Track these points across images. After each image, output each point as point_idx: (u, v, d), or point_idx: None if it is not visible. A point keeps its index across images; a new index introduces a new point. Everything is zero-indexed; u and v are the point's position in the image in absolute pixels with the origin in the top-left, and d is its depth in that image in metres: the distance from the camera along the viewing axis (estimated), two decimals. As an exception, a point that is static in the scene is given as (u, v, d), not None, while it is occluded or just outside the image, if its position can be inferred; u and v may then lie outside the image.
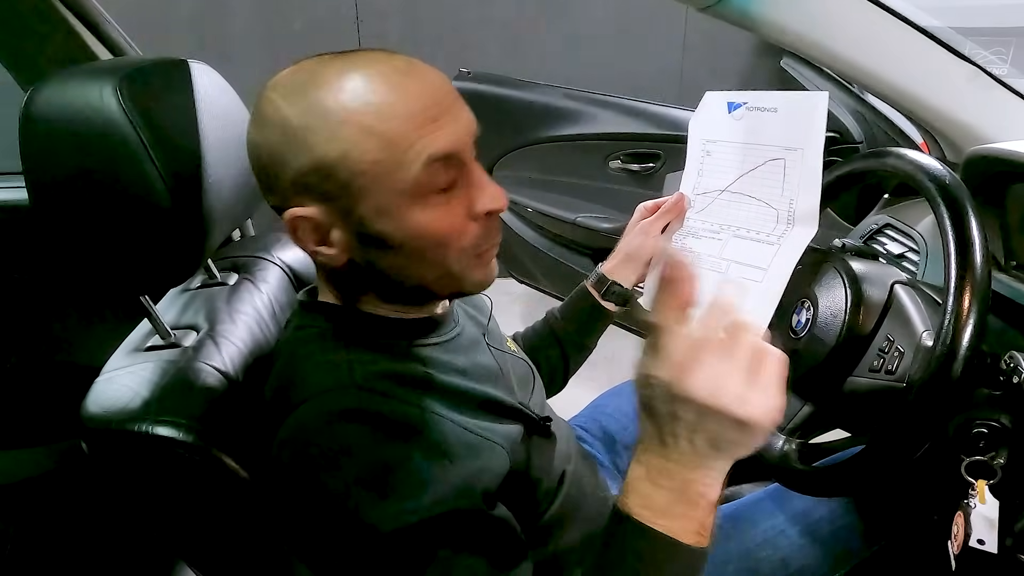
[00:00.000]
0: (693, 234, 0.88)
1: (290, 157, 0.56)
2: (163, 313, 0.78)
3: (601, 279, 0.92)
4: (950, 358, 0.60)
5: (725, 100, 0.85)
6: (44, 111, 0.60)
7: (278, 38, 2.47)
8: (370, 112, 0.55)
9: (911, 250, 1.03)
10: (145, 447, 0.61)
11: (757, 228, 0.80)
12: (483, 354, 0.74)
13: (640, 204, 0.93)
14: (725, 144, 0.85)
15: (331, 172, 0.56)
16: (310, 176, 0.57)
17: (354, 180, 0.56)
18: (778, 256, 0.77)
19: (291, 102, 0.57)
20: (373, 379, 0.59)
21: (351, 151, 0.55)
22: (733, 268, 0.81)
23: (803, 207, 0.76)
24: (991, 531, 0.67)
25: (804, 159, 0.76)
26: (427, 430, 0.58)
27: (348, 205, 0.58)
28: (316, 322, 0.65)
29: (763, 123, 0.80)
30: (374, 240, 0.59)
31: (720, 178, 0.86)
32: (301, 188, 0.57)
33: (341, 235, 0.60)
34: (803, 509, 0.87)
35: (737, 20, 0.89)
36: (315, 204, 0.58)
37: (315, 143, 0.56)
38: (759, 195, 0.80)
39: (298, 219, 0.59)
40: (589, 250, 1.89)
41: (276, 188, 0.59)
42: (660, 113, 1.79)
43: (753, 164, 0.81)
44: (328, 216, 0.58)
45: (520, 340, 0.98)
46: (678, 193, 0.89)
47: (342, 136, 0.55)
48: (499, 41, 2.57)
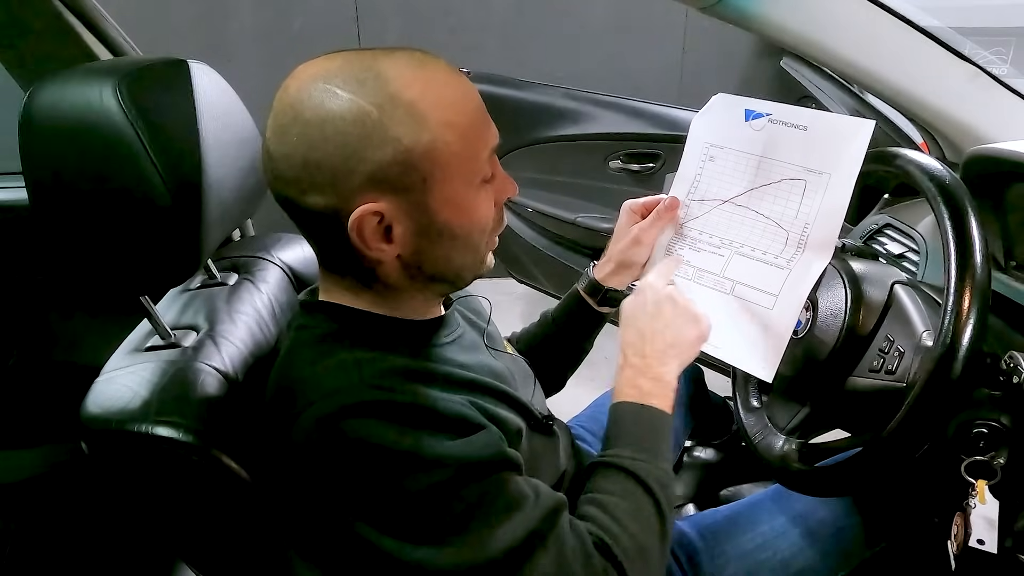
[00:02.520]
0: (692, 245, 0.82)
1: (370, 150, 0.55)
2: (163, 313, 0.78)
3: (595, 287, 0.90)
4: (950, 358, 0.60)
5: (741, 106, 0.79)
6: (44, 111, 0.60)
7: (278, 38, 2.47)
8: (448, 106, 0.58)
9: (911, 250, 1.03)
10: (145, 447, 0.61)
11: (764, 248, 0.75)
12: (484, 355, 0.74)
13: (626, 204, 0.88)
14: (734, 152, 0.80)
15: (416, 164, 0.57)
16: (391, 169, 0.56)
17: (434, 171, 0.58)
18: (789, 281, 0.72)
19: (365, 93, 0.55)
20: (381, 376, 0.59)
21: (436, 143, 0.57)
22: (739, 289, 0.76)
23: (819, 235, 0.71)
24: (991, 531, 0.67)
25: (830, 185, 0.70)
26: (444, 411, 0.58)
27: (421, 197, 0.58)
28: (319, 322, 0.65)
29: (786, 138, 0.75)
30: (435, 231, 0.60)
31: (723, 187, 0.80)
32: (377, 182, 0.56)
33: (403, 230, 0.59)
34: (804, 510, 0.87)
35: (737, 20, 0.88)
36: (387, 198, 0.57)
37: (401, 135, 0.56)
38: (768, 213, 0.75)
39: (368, 216, 0.57)
40: (589, 250, 1.89)
41: (341, 185, 0.56)
42: (660, 113, 1.79)
43: (766, 179, 0.76)
44: (398, 209, 0.58)
45: (515, 342, 0.98)
46: (671, 197, 0.84)
47: (429, 128, 0.56)
48: (499, 41, 2.57)
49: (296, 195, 0.58)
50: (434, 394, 0.59)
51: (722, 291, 0.78)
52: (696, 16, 0.97)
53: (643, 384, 0.71)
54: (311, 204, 0.58)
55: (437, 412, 0.58)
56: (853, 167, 0.69)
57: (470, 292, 0.83)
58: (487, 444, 0.59)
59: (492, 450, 0.59)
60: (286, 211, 0.61)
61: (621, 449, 0.67)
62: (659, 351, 0.71)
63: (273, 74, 0.60)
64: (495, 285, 2.47)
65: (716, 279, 0.79)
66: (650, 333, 0.72)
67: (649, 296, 0.74)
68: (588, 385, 1.07)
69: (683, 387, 1.16)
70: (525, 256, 2.00)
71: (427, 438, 0.56)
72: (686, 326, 0.73)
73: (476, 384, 0.66)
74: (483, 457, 0.58)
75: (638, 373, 0.71)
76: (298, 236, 0.97)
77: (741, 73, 2.70)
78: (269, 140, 0.59)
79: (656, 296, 0.74)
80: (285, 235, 0.97)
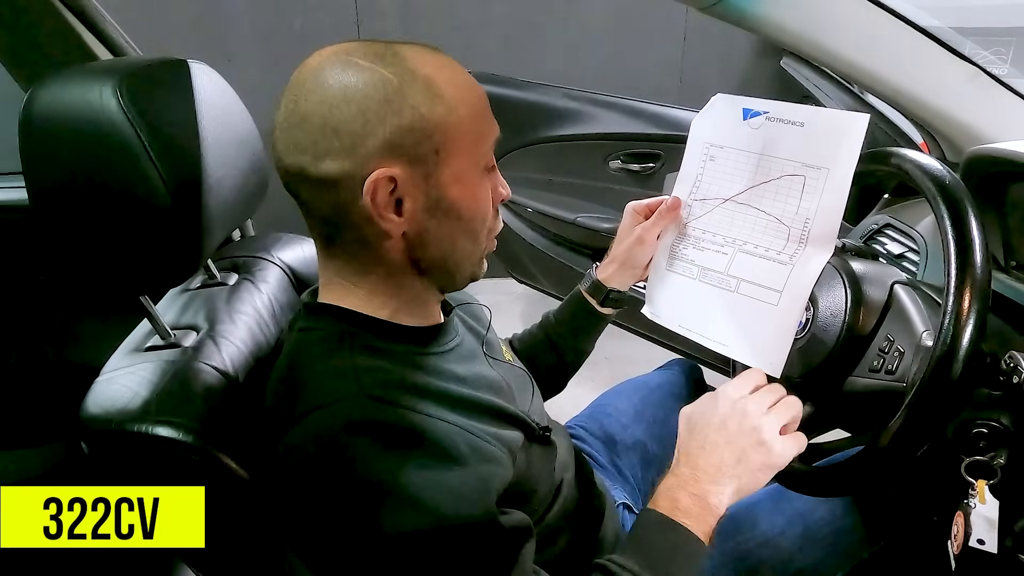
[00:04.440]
0: (695, 244, 0.83)
1: (390, 115, 0.57)
2: (163, 313, 0.78)
3: (598, 287, 0.90)
4: (950, 358, 0.60)
5: (739, 105, 0.79)
6: (44, 111, 0.60)
7: (278, 38, 2.47)
8: (461, 86, 0.61)
9: (911, 250, 1.03)
10: (145, 447, 0.61)
11: (766, 244, 0.75)
12: (482, 365, 0.74)
13: (629, 205, 0.88)
14: (734, 151, 0.80)
15: (430, 133, 0.59)
16: (407, 136, 0.58)
17: (446, 144, 0.60)
18: (792, 277, 0.72)
19: (386, 65, 0.58)
20: (379, 387, 0.59)
21: (450, 116, 0.59)
22: (743, 287, 0.76)
23: (820, 229, 0.71)
24: (991, 531, 0.67)
25: (829, 180, 0.71)
26: (434, 436, 0.58)
27: (432, 169, 0.60)
28: (321, 325, 0.65)
29: (784, 135, 0.75)
30: (443, 208, 0.62)
31: (724, 186, 0.81)
32: (393, 147, 0.58)
33: (413, 203, 0.61)
34: (803, 509, 0.88)
35: (737, 20, 0.88)
36: (401, 166, 0.59)
37: (419, 103, 0.58)
38: (769, 210, 0.75)
39: (382, 180, 0.58)
40: (589, 250, 1.89)
41: (359, 148, 0.57)
42: (660, 113, 1.79)
43: (766, 176, 0.76)
44: (410, 179, 0.60)
45: (516, 344, 0.98)
46: (674, 197, 0.85)
47: (445, 101, 0.59)
48: (499, 41, 2.57)
49: (310, 162, 0.59)
50: (429, 413, 0.60)
51: (727, 289, 0.78)
52: (696, 16, 0.97)
53: (682, 499, 0.62)
54: (325, 171, 0.58)
55: (427, 437, 0.58)
56: (850, 161, 0.69)
57: (470, 299, 0.83)
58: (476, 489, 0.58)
59: (480, 509, 0.57)
60: (294, 189, 0.62)
61: (628, 560, 0.61)
62: (714, 467, 0.63)
63: (273, 74, 0.60)
64: (495, 285, 2.47)
65: (721, 277, 0.79)
66: (710, 445, 0.64)
67: (721, 404, 0.66)
68: (588, 385, 1.07)
69: (682, 386, 1.16)
70: (525, 256, 2.00)
71: (415, 469, 0.55)
72: (753, 449, 0.63)
73: (472, 403, 0.65)
74: (472, 516, 0.56)
75: (681, 484, 0.63)
76: (298, 236, 0.97)
77: (741, 73, 2.70)
78: (285, 111, 0.59)
79: (729, 406, 0.66)
80: (285, 235, 0.97)
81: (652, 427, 1.07)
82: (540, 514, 0.72)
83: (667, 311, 0.84)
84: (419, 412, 0.59)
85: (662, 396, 1.13)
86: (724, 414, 0.65)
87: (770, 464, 0.64)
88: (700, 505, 0.62)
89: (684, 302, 0.82)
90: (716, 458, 0.63)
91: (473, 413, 0.64)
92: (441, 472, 0.57)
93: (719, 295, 0.78)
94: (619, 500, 0.93)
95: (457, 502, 0.56)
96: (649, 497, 0.65)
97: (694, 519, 0.62)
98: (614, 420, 1.07)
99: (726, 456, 0.63)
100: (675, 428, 0.70)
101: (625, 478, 1.01)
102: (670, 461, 0.67)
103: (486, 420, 0.65)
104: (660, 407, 1.10)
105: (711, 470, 0.63)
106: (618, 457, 1.03)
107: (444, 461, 0.57)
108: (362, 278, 0.65)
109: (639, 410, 1.09)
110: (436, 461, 0.57)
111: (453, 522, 0.55)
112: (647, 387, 1.15)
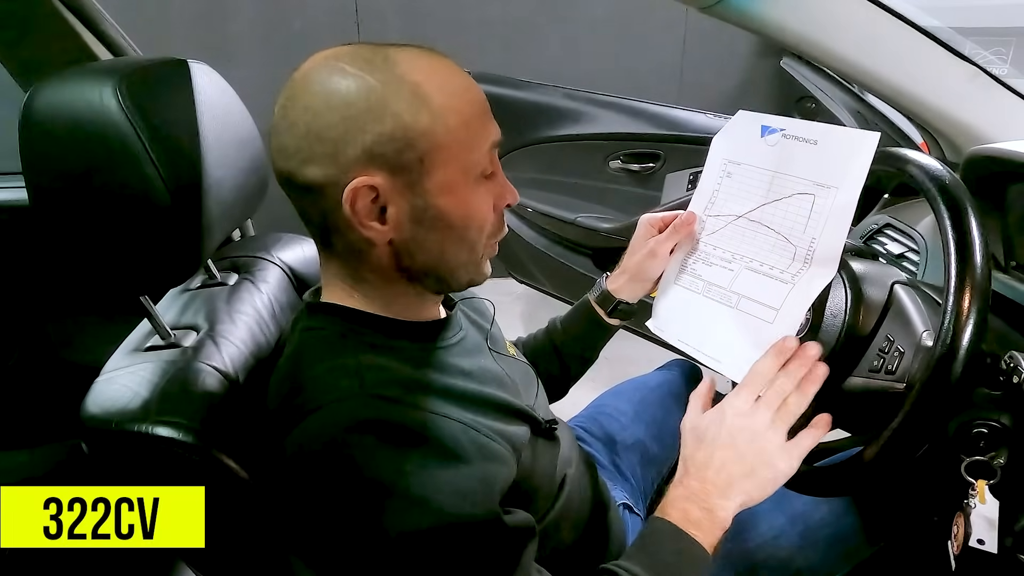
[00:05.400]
0: (704, 260, 0.82)
1: (371, 123, 0.57)
2: (163, 313, 0.78)
3: (607, 298, 0.89)
4: (950, 358, 0.60)
5: (759, 122, 0.79)
6: (44, 111, 0.60)
7: (278, 38, 2.47)
8: (452, 93, 0.59)
9: (911, 250, 1.03)
10: (145, 447, 0.61)
11: (772, 263, 0.75)
12: (486, 359, 0.74)
13: (643, 217, 0.87)
14: (750, 168, 0.80)
15: (413, 141, 0.58)
16: (389, 144, 0.57)
17: (431, 153, 0.58)
18: (791, 296, 0.72)
19: (372, 71, 0.57)
20: (382, 385, 0.59)
21: (436, 124, 0.58)
22: (744, 303, 0.76)
23: (824, 249, 0.71)
24: (991, 531, 0.67)
25: (836, 199, 0.70)
26: (439, 433, 0.58)
27: (417, 178, 0.59)
28: (324, 324, 0.65)
29: (798, 153, 0.74)
30: (429, 217, 0.61)
31: (738, 202, 0.80)
32: (375, 156, 0.57)
33: (397, 211, 0.60)
34: (803, 510, 0.87)
35: (737, 20, 0.89)
36: (383, 175, 0.58)
37: (402, 111, 0.57)
38: (779, 228, 0.75)
39: (362, 189, 0.58)
40: (589, 250, 1.89)
41: (341, 155, 0.57)
42: (660, 113, 1.79)
43: (779, 195, 0.76)
44: (393, 188, 0.59)
45: (520, 347, 0.98)
46: (689, 211, 0.84)
47: (431, 108, 0.58)
48: (499, 41, 2.57)
49: (295, 168, 0.59)
50: (433, 410, 0.59)
51: (728, 305, 0.78)
52: (696, 16, 0.97)
53: (692, 511, 0.63)
54: (309, 177, 0.59)
55: (431, 435, 0.58)
56: (858, 181, 0.69)
57: (473, 294, 0.83)
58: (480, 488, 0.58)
59: (483, 508, 0.58)
60: (286, 191, 0.62)
61: (634, 565, 0.61)
62: (724, 482, 0.64)
63: (273, 74, 0.60)
64: (495, 285, 2.47)
65: (724, 293, 0.79)
66: (718, 461, 0.65)
67: (728, 417, 0.66)
68: (588, 385, 1.07)
69: (682, 386, 1.16)
70: (525, 256, 2.00)
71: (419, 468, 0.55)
72: (762, 466, 0.64)
73: (478, 399, 0.65)
74: (475, 516, 0.56)
75: (691, 497, 0.64)
76: (298, 236, 0.97)
77: (741, 73, 2.70)
78: (276, 115, 0.60)
79: (737, 420, 0.66)
80: (285, 235, 0.97)
81: (652, 427, 1.07)
82: (544, 510, 0.72)
83: (670, 325, 0.84)
84: (424, 409, 0.59)
85: (662, 396, 1.13)
86: (732, 430, 0.66)
87: (777, 480, 0.65)
88: (709, 519, 0.63)
89: (686, 316, 0.82)
90: (725, 474, 0.64)
91: (479, 408, 0.64)
92: (445, 471, 0.57)
93: (720, 311, 0.78)
94: (619, 500, 0.93)
95: (461, 501, 0.56)
96: (655, 504, 0.66)
97: (704, 532, 0.63)
98: (614, 420, 1.07)
99: (735, 473, 0.64)
100: (675, 428, 0.70)
101: (625, 478, 1.01)
102: (670, 462, 0.68)
103: (492, 415, 0.65)
104: (660, 407, 1.10)
105: (721, 484, 0.64)
106: (618, 457, 1.03)
107: (448, 459, 0.57)
108: (358, 281, 0.65)
109: (639, 410, 1.09)
110: (440, 459, 0.57)
111: (456, 521, 0.55)
112: (647, 387, 1.15)
